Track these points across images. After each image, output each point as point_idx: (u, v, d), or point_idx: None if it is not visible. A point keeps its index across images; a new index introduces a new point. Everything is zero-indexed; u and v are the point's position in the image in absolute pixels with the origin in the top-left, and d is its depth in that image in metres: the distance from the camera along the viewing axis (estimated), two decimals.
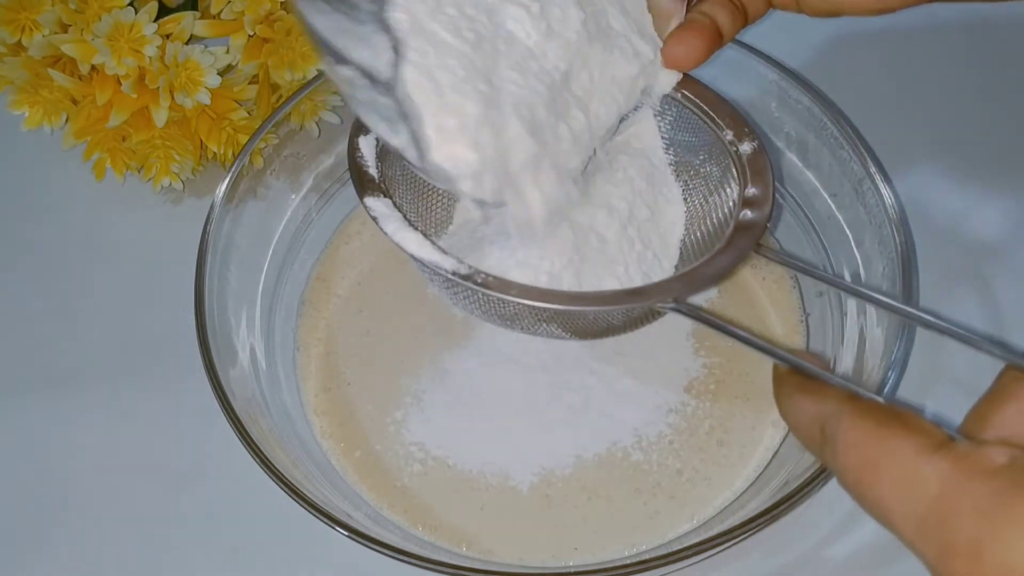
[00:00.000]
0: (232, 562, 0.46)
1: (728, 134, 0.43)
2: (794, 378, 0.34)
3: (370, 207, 0.40)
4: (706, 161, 0.44)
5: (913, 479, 0.28)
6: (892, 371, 0.42)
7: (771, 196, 0.41)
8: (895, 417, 0.29)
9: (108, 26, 0.48)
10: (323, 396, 0.49)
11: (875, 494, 0.29)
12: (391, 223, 0.40)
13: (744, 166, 0.42)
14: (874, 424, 0.29)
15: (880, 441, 0.29)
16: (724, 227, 0.42)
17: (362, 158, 0.42)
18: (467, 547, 0.45)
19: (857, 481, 0.29)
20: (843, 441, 0.30)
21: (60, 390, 0.50)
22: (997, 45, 0.60)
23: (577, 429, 0.47)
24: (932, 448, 0.28)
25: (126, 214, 0.56)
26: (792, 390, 0.33)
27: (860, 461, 0.29)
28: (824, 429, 0.31)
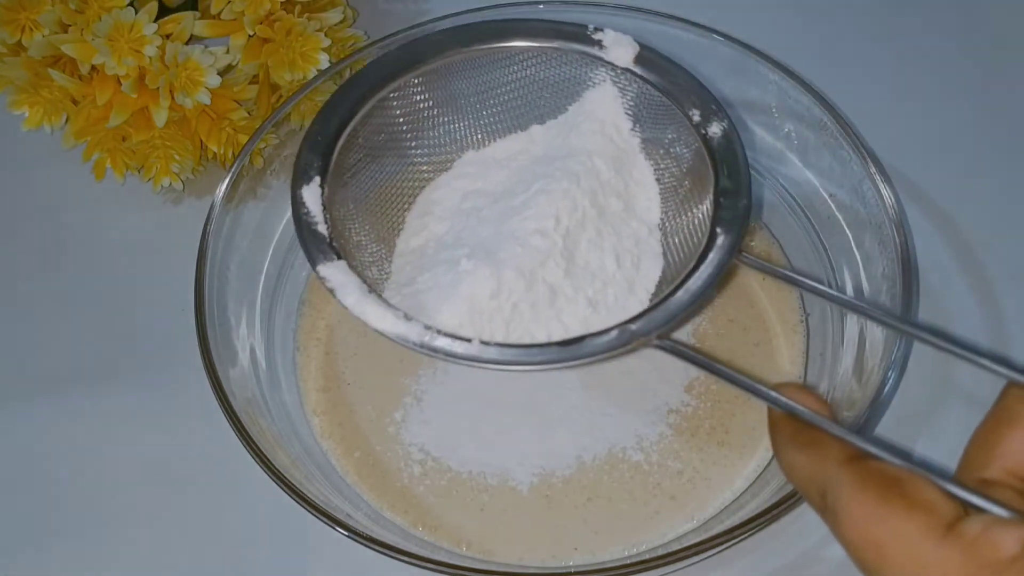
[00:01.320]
0: (232, 562, 0.46)
1: (695, 113, 0.42)
2: (789, 426, 0.32)
3: (325, 278, 0.39)
4: (675, 141, 0.43)
5: (920, 569, 0.27)
6: (892, 371, 0.42)
7: (745, 188, 0.40)
8: (898, 488, 0.28)
9: (108, 26, 0.48)
10: (323, 396, 0.49)
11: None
12: (350, 295, 0.39)
13: (713, 151, 0.41)
14: (876, 499, 0.28)
15: (883, 520, 0.28)
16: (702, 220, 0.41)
17: (308, 214, 0.40)
18: (467, 547, 0.45)
19: (862, 559, 0.28)
20: (844, 515, 0.29)
21: (60, 390, 0.50)
22: (997, 45, 0.60)
23: (577, 429, 0.47)
24: (939, 533, 0.27)
25: (126, 214, 0.56)
26: (788, 443, 0.32)
27: (864, 541, 0.28)
28: (825, 496, 0.30)
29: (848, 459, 0.29)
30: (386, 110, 0.45)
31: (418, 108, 0.45)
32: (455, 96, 0.46)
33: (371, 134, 0.44)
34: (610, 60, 0.44)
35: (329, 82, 0.52)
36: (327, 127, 0.43)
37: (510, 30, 0.44)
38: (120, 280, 0.54)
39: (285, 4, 0.52)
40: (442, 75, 0.45)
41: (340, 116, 0.43)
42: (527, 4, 0.51)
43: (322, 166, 0.42)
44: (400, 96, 0.45)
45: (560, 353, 0.38)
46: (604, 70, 0.44)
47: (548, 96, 0.46)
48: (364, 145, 0.44)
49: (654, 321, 0.38)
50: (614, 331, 0.38)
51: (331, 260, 0.40)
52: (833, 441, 0.30)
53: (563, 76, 0.45)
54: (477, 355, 0.38)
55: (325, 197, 0.41)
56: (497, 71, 0.45)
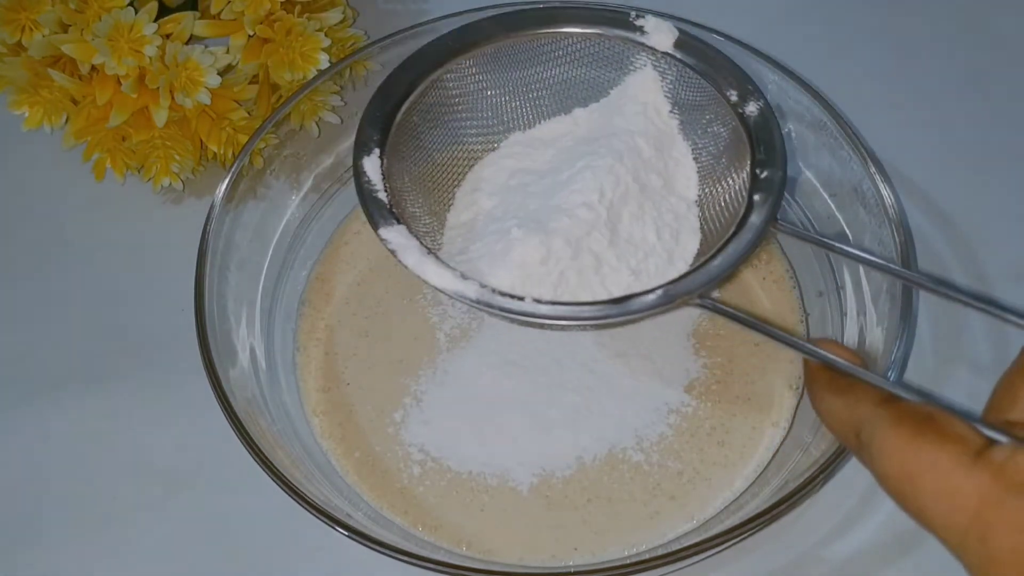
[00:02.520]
0: (232, 562, 0.46)
1: (732, 94, 0.43)
2: (825, 375, 0.34)
3: (387, 240, 0.41)
4: (713, 121, 0.45)
5: (952, 493, 0.28)
6: (892, 371, 0.42)
7: (781, 161, 0.42)
8: (930, 423, 0.30)
9: (108, 26, 0.48)
10: (322, 396, 0.49)
11: (916, 505, 0.29)
12: (410, 255, 0.41)
13: (750, 129, 0.43)
14: (910, 433, 0.30)
15: (917, 452, 0.29)
16: (738, 192, 0.42)
17: (369, 183, 0.42)
18: (467, 547, 0.45)
19: (897, 490, 0.30)
20: (880, 450, 0.30)
21: (59, 390, 0.50)
22: (997, 45, 0.60)
23: (577, 430, 0.47)
24: (970, 459, 0.28)
25: (126, 214, 0.56)
26: (824, 390, 0.34)
27: (898, 472, 0.30)
28: (860, 434, 0.31)
29: (882, 400, 0.31)
30: (441, 89, 0.46)
31: (470, 89, 0.47)
32: (504, 79, 0.47)
33: (426, 112, 0.46)
34: (651, 45, 0.45)
35: (329, 82, 0.52)
36: (385, 103, 0.44)
37: (557, 16, 0.46)
38: (120, 280, 0.54)
39: (285, 4, 0.52)
40: (493, 59, 0.46)
41: (398, 93, 0.45)
42: (527, 4, 0.51)
43: (381, 139, 0.43)
44: (455, 77, 0.46)
45: (609, 310, 0.39)
46: (645, 54, 0.46)
47: (591, 79, 0.47)
48: (419, 122, 0.46)
49: (696, 281, 0.40)
50: (659, 290, 0.39)
51: (391, 224, 0.41)
52: (867, 386, 0.32)
53: (606, 60, 0.47)
54: (531, 311, 0.39)
55: (384, 168, 0.43)
56: (544, 56, 0.47)
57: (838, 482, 0.46)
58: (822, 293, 0.50)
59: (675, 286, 0.40)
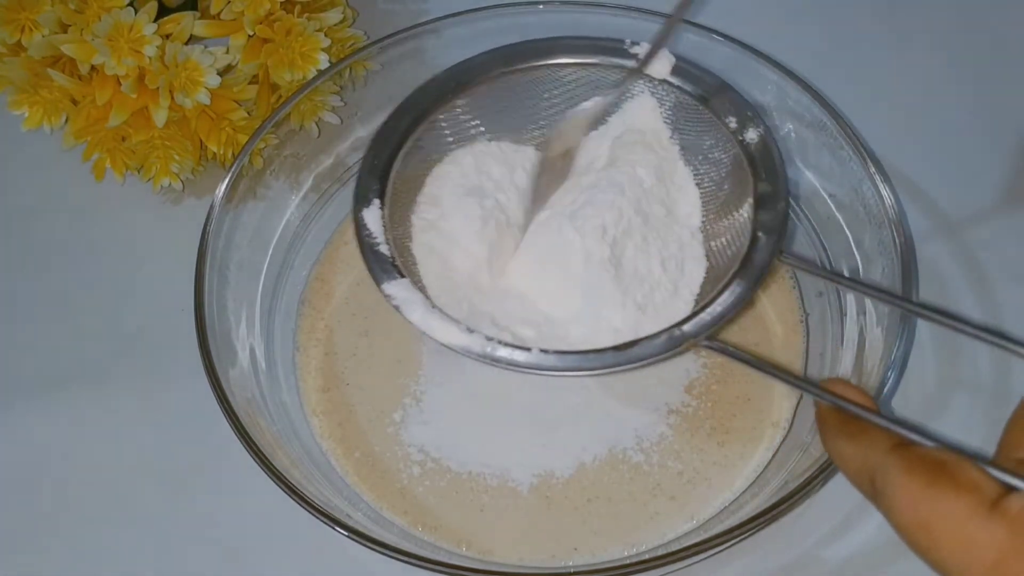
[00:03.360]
0: (232, 562, 0.46)
1: (731, 120, 0.43)
2: (836, 418, 0.34)
3: (391, 295, 0.40)
4: (713, 148, 0.44)
5: (969, 545, 0.28)
6: (891, 371, 0.42)
7: (783, 191, 0.41)
8: (943, 471, 0.29)
9: (108, 26, 0.48)
10: (322, 396, 0.49)
11: (933, 556, 0.29)
12: (415, 310, 0.40)
13: (751, 156, 0.42)
14: (924, 482, 0.29)
15: (931, 502, 0.29)
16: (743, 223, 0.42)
17: (369, 236, 0.42)
18: (467, 547, 0.45)
19: (914, 541, 0.30)
20: (895, 500, 0.30)
21: (59, 390, 0.50)
22: (997, 45, 0.60)
23: (577, 430, 0.47)
24: (986, 509, 0.28)
25: (126, 214, 0.56)
26: (837, 435, 0.33)
27: (914, 522, 0.29)
28: (874, 482, 0.31)
29: (894, 446, 0.31)
30: (435, 132, 0.46)
31: (466, 127, 0.46)
32: (501, 114, 0.47)
33: (423, 156, 0.45)
34: (648, 72, 0.45)
35: (329, 82, 0.52)
36: (382, 152, 0.44)
37: (552, 48, 0.46)
38: (120, 280, 0.54)
39: (285, 4, 0.52)
40: (488, 95, 0.46)
41: (393, 141, 0.44)
42: (526, 4, 0.51)
43: (379, 189, 0.43)
44: (448, 118, 0.46)
45: (616, 358, 0.39)
46: (642, 82, 0.46)
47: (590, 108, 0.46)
48: (417, 167, 0.45)
49: (702, 323, 0.39)
50: (664, 335, 0.39)
51: (395, 279, 0.41)
52: (879, 431, 0.32)
53: (604, 90, 0.46)
54: (538, 363, 0.39)
55: (385, 218, 0.42)
56: (541, 88, 0.46)
57: (838, 482, 0.46)
58: (822, 293, 0.50)
59: (680, 330, 0.39)
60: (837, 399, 0.33)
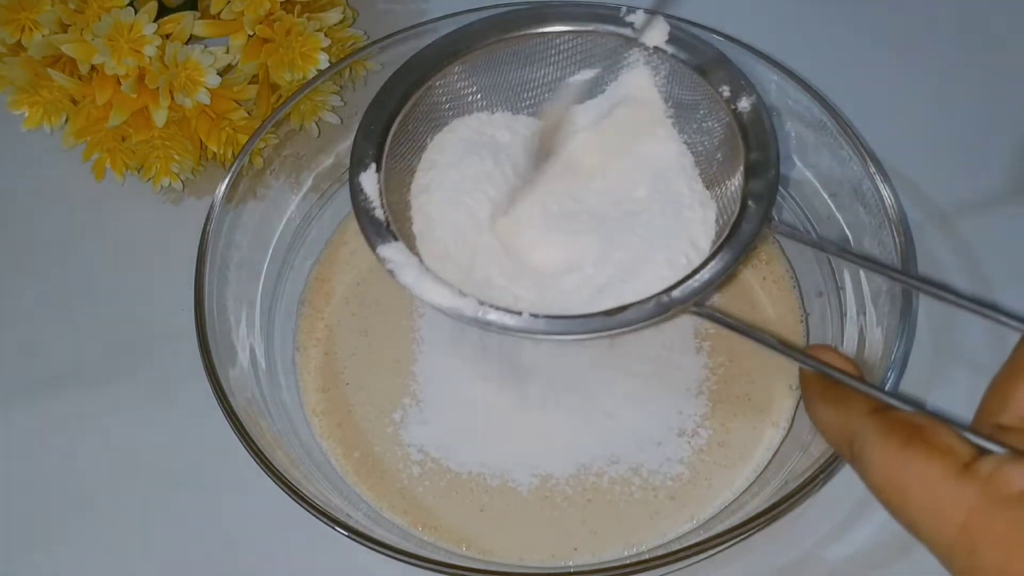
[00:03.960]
0: (232, 562, 0.46)
1: (725, 89, 0.43)
2: (819, 383, 0.34)
3: (385, 258, 0.40)
4: (706, 117, 0.44)
5: (940, 506, 0.28)
6: (892, 371, 0.42)
7: (774, 159, 0.41)
8: (919, 434, 0.30)
9: (108, 26, 0.48)
10: (322, 396, 0.49)
11: (906, 516, 0.30)
12: (409, 274, 0.40)
13: (743, 124, 0.42)
14: (899, 444, 0.30)
15: (905, 464, 0.29)
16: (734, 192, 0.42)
17: (365, 200, 0.42)
18: (467, 547, 0.45)
19: (888, 502, 0.30)
20: (870, 462, 0.30)
21: (59, 390, 0.50)
22: (997, 45, 0.60)
23: (577, 430, 0.47)
24: (957, 472, 0.28)
25: (126, 214, 0.56)
26: (818, 399, 0.34)
27: (888, 484, 0.30)
28: (852, 445, 0.31)
29: (873, 410, 0.31)
30: (432, 98, 0.45)
31: (462, 94, 0.46)
32: (497, 81, 0.46)
33: (419, 121, 0.45)
34: (642, 40, 0.45)
35: (329, 82, 0.52)
36: (378, 117, 0.44)
37: (547, 15, 0.46)
38: (120, 280, 0.54)
39: (285, 4, 0.52)
40: (484, 62, 0.46)
41: (391, 105, 0.44)
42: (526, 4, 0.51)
43: (376, 154, 0.43)
44: (444, 84, 0.45)
45: (605, 322, 0.39)
46: (637, 50, 0.45)
47: (586, 76, 0.47)
48: (413, 132, 0.45)
49: (690, 289, 0.39)
50: (652, 300, 0.39)
51: (389, 242, 0.41)
52: (859, 396, 0.32)
53: (599, 58, 0.46)
54: (528, 327, 0.39)
55: (381, 183, 0.42)
56: (536, 55, 0.46)
57: (838, 482, 0.46)
58: (822, 293, 0.50)
59: (669, 296, 0.39)
60: (821, 365, 0.34)
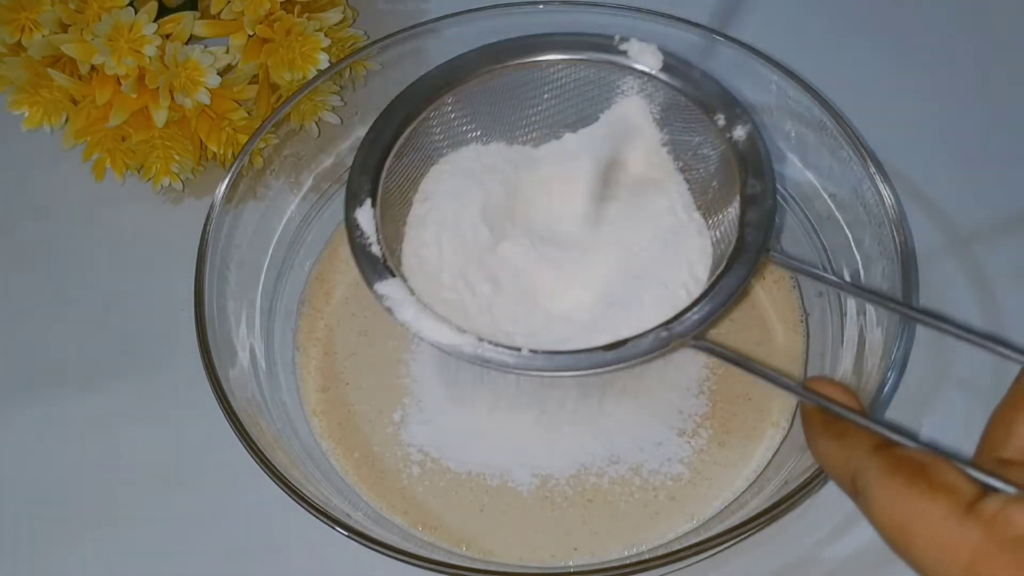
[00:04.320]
0: (232, 562, 0.46)
1: (720, 118, 0.43)
2: (820, 417, 0.34)
3: (383, 296, 0.40)
4: (703, 144, 0.44)
5: (944, 547, 0.28)
6: (892, 371, 0.42)
7: (771, 189, 0.41)
8: (922, 473, 0.30)
9: (108, 26, 0.48)
10: (322, 396, 0.49)
11: (910, 556, 0.29)
12: (407, 311, 0.40)
13: (741, 155, 0.42)
14: (902, 483, 0.30)
15: (909, 503, 0.29)
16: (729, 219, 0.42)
17: (361, 236, 0.41)
18: (467, 547, 0.45)
19: (891, 540, 0.30)
20: (874, 500, 0.30)
21: (59, 390, 0.50)
22: (997, 45, 0.60)
23: (577, 430, 0.47)
24: (961, 512, 0.28)
25: (126, 214, 0.56)
26: (820, 434, 0.33)
27: (892, 522, 0.30)
28: (855, 481, 0.31)
29: (876, 447, 0.31)
30: (426, 130, 0.45)
31: (455, 125, 0.46)
32: (491, 111, 0.46)
33: (414, 154, 0.45)
34: (637, 68, 0.45)
35: (329, 82, 0.52)
36: (373, 151, 0.44)
37: (540, 45, 0.46)
38: (120, 280, 0.54)
39: (285, 4, 0.52)
40: (478, 92, 0.46)
41: (384, 140, 0.44)
42: (527, 4, 0.51)
43: (371, 189, 0.43)
44: (438, 116, 0.45)
45: (604, 357, 0.39)
46: (632, 77, 0.45)
47: (579, 106, 0.47)
48: (408, 165, 0.45)
49: (689, 323, 0.39)
50: (652, 334, 0.39)
51: (386, 279, 0.41)
52: (862, 431, 0.32)
53: (593, 86, 0.46)
54: (528, 364, 0.39)
55: (376, 218, 0.42)
56: (530, 84, 0.46)
57: None
58: (822, 293, 0.50)
59: (668, 330, 0.39)
60: (822, 399, 0.34)
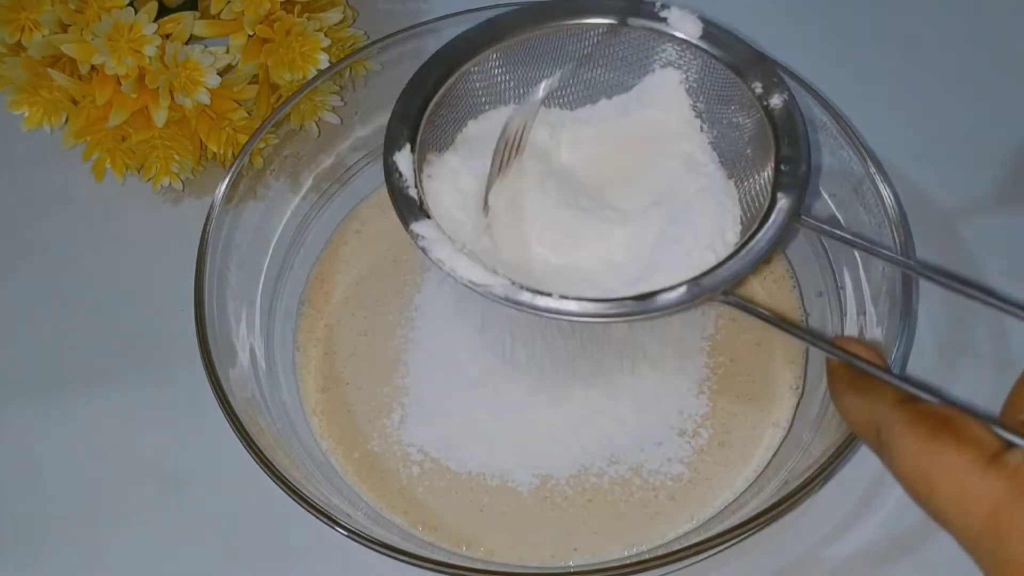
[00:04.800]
0: (232, 562, 0.46)
1: (757, 86, 0.43)
2: (845, 373, 0.34)
3: (419, 235, 0.40)
4: (737, 112, 0.44)
5: (966, 496, 0.29)
6: None
7: (805, 155, 0.41)
8: (947, 425, 0.30)
9: (108, 26, 0.48)
10: (322, 396, 0.49)
11: (932, 505, 0.30)
12: (442, 250, 0.40)
13: (775, 121, 0.42)
14: (926, 435, 0.30)
15: (933, 454, 0.30)
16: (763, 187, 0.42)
17: (400, 179, 0.42)
18: (467, 547, 0.45)
19: (914, 491, 0.30)
20: (897, 451, 0.31)
21: (59, 390, 0.50)
22: (998, 45, 0.60)
23: (577, 429, 0.47)
24: (984, 463, 0.29)
25: (126, 214, 0.56)
26: (845, 388, 0.34)
27: (915, 473, 0.30)
28: (879, 434, 0.32)
29: (900, 401, 0.32)
30: (467, 84, 0.45)
31: (496, 82, 0.46)
32: (530, 71, 0.46)
33: (453, 106, 0.45)
34: (676, 35, 0.45)
35: (329, 82, 0.52)
36: (413, 100, 0.44)
37: (581, 8, 0.46)
38: (120, 280, 0.54)
39: (285, 4, 0.52)
40: (518, 51, 0.46)
41: (425, 90, 0.44)
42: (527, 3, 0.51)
43: (411, 135, 0.43)
44: (480, 71, 0.45)
45: (634, 307, 0.39)
46: (670, 45, 0.45)
47: (616, 70, 0.47)
48: (447, 116, 0.45)
49: (719, 277, 0.39)
50: (683, 287, 0.39)
51: (422, 219, 0.41)
52: (886, 386, 0.32)
53: (631, 51, 0.46)
54: (557, 308, 0.39)
55: (415, 163, 0.42)
56: (569, 47, 0.46)
57: (838, 482, 0.46)
58: (822, 293, 0.50)
59: (699, 284, 0.39)
60: (848, 356, 0.34)
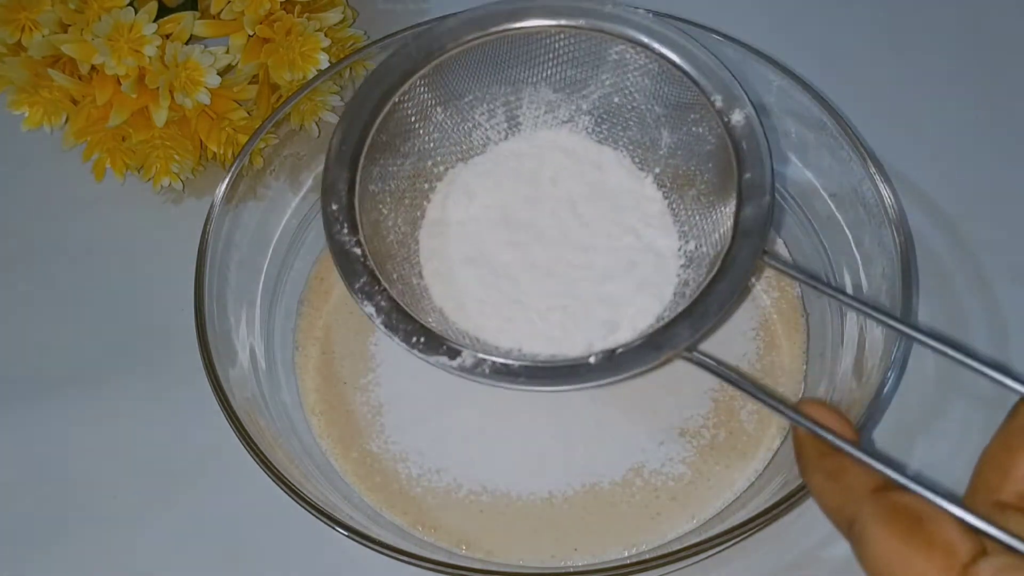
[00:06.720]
0: (232, 562, 0.46)
1: (717, 99, 0.40)
2: (815, 447, 0.33)
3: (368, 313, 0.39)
4: (698, 122, 0.42)
5: None
6: (892, 371, 0.42)
7: (768, 183, 0.38)
8: (919, 527, 0.29)
9: (108, 26, 0.48)
10: (321, 396, 0.49)
11: None
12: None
13: (737, 143, 0.39)
14: (899, 536, 0.29)
15: (905, 560, 0.29)
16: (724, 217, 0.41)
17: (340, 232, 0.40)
18: (466, 547, 0.45)
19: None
20: (869, 549, 0.30)
21: (59, 390, 0.50)
22: (997, 45, 0.60)
23: (577, 430, 0.47)
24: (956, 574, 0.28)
25: (126, 214, 0.56)
26: (815, 470, 0.32)
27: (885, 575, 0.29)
28: (852, 526, 0.30)
29: (874, 490, 0.30)
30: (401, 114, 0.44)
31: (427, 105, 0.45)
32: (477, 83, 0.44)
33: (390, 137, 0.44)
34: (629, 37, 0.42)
35: (329, 82, 0.52)
36: (349, 136, 0.42)
37: (526, 11, 0.43)
38: (120, 280, 0.54)
39: (285, 4, 0.52)
40: (458, 65, 0.43)
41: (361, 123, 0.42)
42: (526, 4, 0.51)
43: (349, 177, 0.41)
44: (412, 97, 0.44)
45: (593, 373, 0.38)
46: (624, 47, 0.42)
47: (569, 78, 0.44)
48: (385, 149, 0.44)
49: (680, 337, 0.37)
50: (645, 347, 0.37)
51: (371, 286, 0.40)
52: (859, 470, 0.31)
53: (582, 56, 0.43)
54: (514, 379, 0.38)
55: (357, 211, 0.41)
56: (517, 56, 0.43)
57: None
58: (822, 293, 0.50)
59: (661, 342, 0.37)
60: (815, 427, 0.32)
